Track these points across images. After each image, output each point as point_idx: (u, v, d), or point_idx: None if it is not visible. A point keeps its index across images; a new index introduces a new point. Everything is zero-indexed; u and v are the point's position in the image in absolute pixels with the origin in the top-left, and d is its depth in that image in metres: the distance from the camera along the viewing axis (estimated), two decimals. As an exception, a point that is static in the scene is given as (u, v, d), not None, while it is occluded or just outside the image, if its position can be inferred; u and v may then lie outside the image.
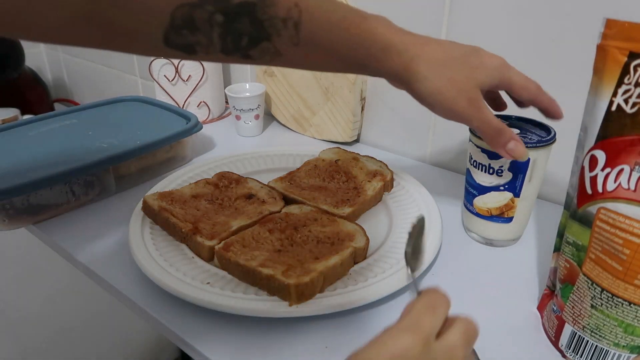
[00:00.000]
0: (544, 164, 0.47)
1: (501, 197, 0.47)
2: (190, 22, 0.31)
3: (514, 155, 0.43)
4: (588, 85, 0.37)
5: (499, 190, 0.47)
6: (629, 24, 0.33)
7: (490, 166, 0.47)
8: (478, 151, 0.47)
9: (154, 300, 0.47)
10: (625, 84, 0.33)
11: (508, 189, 0.47)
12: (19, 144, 0.67)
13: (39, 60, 1.49)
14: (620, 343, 0.37)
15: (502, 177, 0.46)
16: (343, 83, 0.76)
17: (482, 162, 0.47)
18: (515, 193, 0.47)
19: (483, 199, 0.49)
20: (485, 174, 0.47)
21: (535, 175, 0.46)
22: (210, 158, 0.71)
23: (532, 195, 0.48)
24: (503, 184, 0.47)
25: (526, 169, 0.46)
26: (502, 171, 0.46)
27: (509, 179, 0.46)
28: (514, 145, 0.43)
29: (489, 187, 0.48)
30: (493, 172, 0.47)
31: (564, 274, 0.40)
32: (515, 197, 0.48)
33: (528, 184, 0.46)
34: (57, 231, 0.58)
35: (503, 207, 0.48)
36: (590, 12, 0.54)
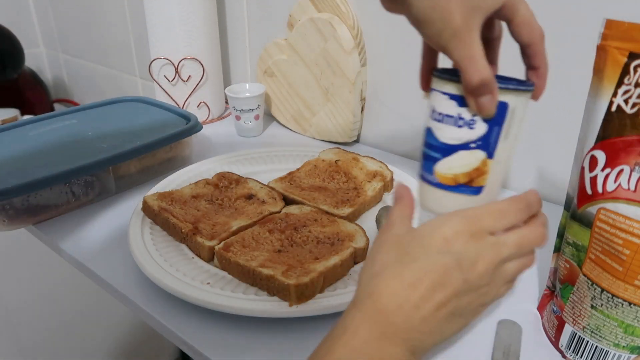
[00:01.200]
0: (522, 116, 0.37)
1: (471, 157, 0.37)
2: None
3: (484, 109, 0.35)
4: (588, 85, 0.37)
5: (469, 149, 0.36)
6: (628, 24, 0.33)
7: (460, 116, 0.36)
8: (445, 98, 0.37)
9: (154, 300, 0.47)
10: (625, 84, 0.33)
11: (480, 146, 0.36)
12: (19, 144, 0.67)
13: (39, 60, 1.49)
14: (620, 343, 0.37)
15: (474, 130, 0.36)
16: (343, 83, 0.76)
17: (449, 112, 0.36)
18: (488, 152, 0.36)
19: (448, 162, 0.37)
20: (453, 128, 0.37)
21: (512, 130, 0.37)
22: (210, 158, 0.71)
23: (506, 158, 0.38)
24: (475, 140, 0.36)
25: (503, 119, 0.36)
26: (474, 122, 0.36)
27: (482, 132, 0.36)
28: (489, 100, 0.35)
29: (457, 146, 0.37)
30: (463, 124, 0.36)
31: (564, 275, 0.40)
32: (488, 159, 0.37)
33: (504, 141, 0.36)
34: (57, 231, 0.58)
35: (473, 172, 0.37)
36: (590, 12, 0.54)
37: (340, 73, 0.76)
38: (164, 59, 0.86)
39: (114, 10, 1.17)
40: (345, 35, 0.73)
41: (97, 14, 1.22)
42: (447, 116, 0.37)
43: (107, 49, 1.26)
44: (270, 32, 0.87)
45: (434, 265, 0.31)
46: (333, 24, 0.73)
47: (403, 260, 0.32)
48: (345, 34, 0.73)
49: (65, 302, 1.17)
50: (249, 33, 0.92)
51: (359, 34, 0.74)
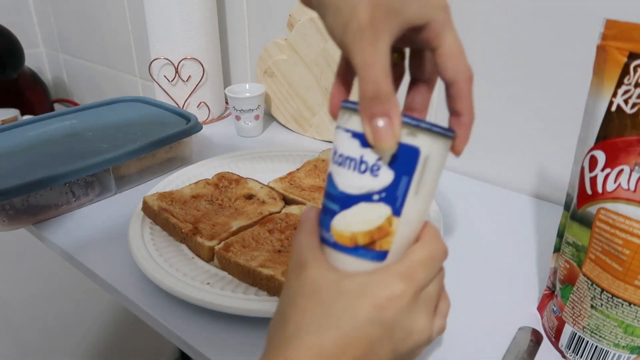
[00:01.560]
0: (437, 167, 0.30)
1: (374, 212, 0.29)
2: None
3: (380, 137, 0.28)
4: (588, 85, 0.37)
5: (371, 201, 0.29)
6: (628, 24, 0.33)
7: (362, 159, 0.29)
8: (347, 137, 0.30)
9: (154, 300, 0.47)
10: (625, 84, 0.33)
11: (385, 199, 0.29)
12: (19, 144, 0.67)
13: (39, 61, 1.49)
14: (620, 343, 0.37)
15: (378, 179, 0.29)
16: (343, 83, 0.76)
17: (350, 153, 0.29)
18: (394, 208, 0.29)
19: (346, 216, 0.30)
20: (354, 174, 0.29)
21: (425, 184, 0.30)
22: (210, 158, 0.71)
23: (417, 218, 0.31)
24: (378, 191, 0.29)
25: (413, 168, 0.29)
26: (379, 168, 0.29)
27: (388, 182, 0.29)
28: (385, 123, 0.28)
29: (357, 196, 0.29)
30: (366, 169, 0.29)
31: (564, 275, 0.40)
32: (394, 216, 0.29)
33: (414, 196, 0.29)
34: (57, 231, 0.58)
35: (375, 232, 0.29)
36: (590, 12, 0.54)
37: (340, 73, 0.76)
38: (164, 59, 0.86)
39: (114, 10, 1.17)
40: (345, 35, 0.73)
41: (97, 14, 1.22)
42: (348, 158, 0.30)
43: (107, 49, 1.26)
44: (270, 32, 0.87)
45: (361, 336, 0.26)
46: (333, 24, 0.73)
47: (322, 325, 0.27)
48: (345, 34, 0.73)
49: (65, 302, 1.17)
50: (249, 33, 0.92)
51: (359, 34, 0.74)
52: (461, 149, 0.33)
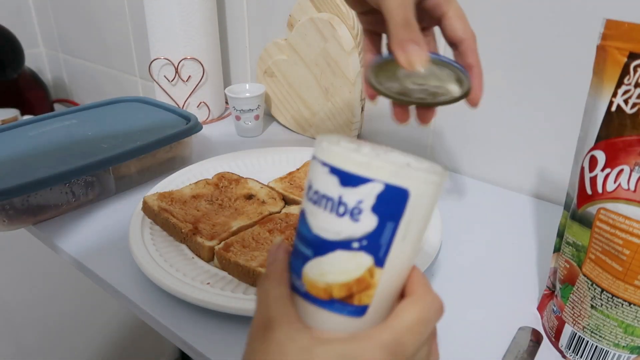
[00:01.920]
0: (431, 204, 0.26)
1: (352, 262, 0.25)
2: None
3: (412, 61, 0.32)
4: (588, 85, 0.37)
5: (350, 250, 0.25)
6: (628, 24, 0.33)
7: (341, 200, 0.25)
8: (324, 171, 0.25)
9: (154, 300, 0.47)
10: (625, 84, 0.33)
11: (366, 248, 0.25)
12: (19, 145, 0.67)
13: (39, 61, 1.49)
14: (620, 343, 0.37)
15: (359, 224, 0.25)
16: (343, 83, 0.76)
17: (327, 192, 0.25)
18: (377, 258, 0.25)
19: (321, 264, 0.26)
20: (331, 215, 0.25)
21: (415, 225, 0.26)
22: (210, 158, 0.71)
23: (404, 265, 0.27)
24: (359, 238, 0.25)
25: (401, 212, 0.25)
26: (360, 212, 0.24)
27: (370, 228, 0.25)
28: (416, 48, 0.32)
29: (334, 242, 0.25)
30: (345, 212, 0.25)
31: (564, 275, 0.40)
32: (376, 267, 0.25)
33: (402, 242, 0.25)
34: (57, 231, 0.58)
35: (353, 285, 0.25)
36: (590, 12, 0.54)
37: (340, 73, 0.76)
38: (164, 59, 0.86)
39: (114, 10, 1.17)
40: (345, 35, 0.73)
41: (97, 14, 1.22)
42: (324, 197, 0.25)
43: (107, 49, 1.26)
44: (270, 32, 0.87)
45: None
46: (333, 24, 0.73)
47: None
48: (345, 34, 0.73)
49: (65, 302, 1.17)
50: (249, 33, 0.92)
51: (359, 34, 0.74)
52: (478, 99, 0.35)
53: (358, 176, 0.24)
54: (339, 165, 0.25)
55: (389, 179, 0.24)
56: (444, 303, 0.27)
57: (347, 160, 0.25)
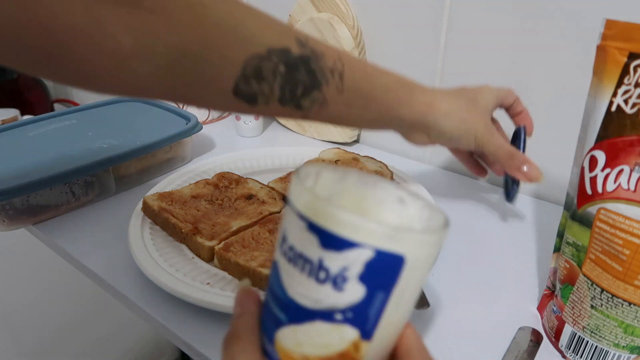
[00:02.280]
0: (430, 264, 0.22)
1: (334, 335, 0.21)
2: (259, 72, 0.33)
3: (532, 176, 0.46)
4: (588, 85, 0.37)
5: (332, 321, 0.21)
6: (628, 24, 0.33)
7: (322, 265, 0.21)
8: (301, 227, 0.21)
9: (154, 301, 0.47)
10: (625, 84, 0.33)
11: (352, 321, 0.21)
12: (18, 145, 0.67)
13: (39, 61, 1.49)
14: (620, 343, 0.37)
15: (343, 294, 0.21)
16: (343, 83, 0.76)
17: (306, 252, 0.21)
18: (364, 331, 0.21)
19: (297, 333, 0.22)
20: (310, 280, 0.21)
21: (410, 290, 0.22)
22: (210, 158, 0.71)
23: (395, 332, 0.24)
24: (342, 309, 0.21)
25: (394, 279, 0.21)
26: (346, 280, 0.20)
27: (357, 298, 0.21)
28: (529, 167, 0.46)
29: (313, 312, 0.21)
30: (326, 279, 0.21)
31: (564, 275, 0.40)
32: (362, 340, 0.22)
33: (394, 310, 0.22)
34: (57, 232, 0.58)
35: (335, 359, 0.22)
36: (590, 12, 0.54)
37: (340, 73, 0.76)
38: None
39: (114, 10, 1.16)
40: (345, 35, 0.73)
41: (97, 14, 1.22)
42: (302, 258, 0.21)
43: (107, 49, 1.26)
44: (270, 32, 0.87)
45: None
46: (333, 24, 0.73)
47: None
48: (345, 34, 0.73)
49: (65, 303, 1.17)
50: (249, 33, 0.92)
51: (359, 34, 0.74)
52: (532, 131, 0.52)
53: (343, 239, 0.20)
54: (319, 222, 0.20)
55: (380, 244, 0.20)
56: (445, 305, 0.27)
57: (329, 218, 0.20)
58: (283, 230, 0.22)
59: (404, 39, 0.71)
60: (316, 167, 0.23)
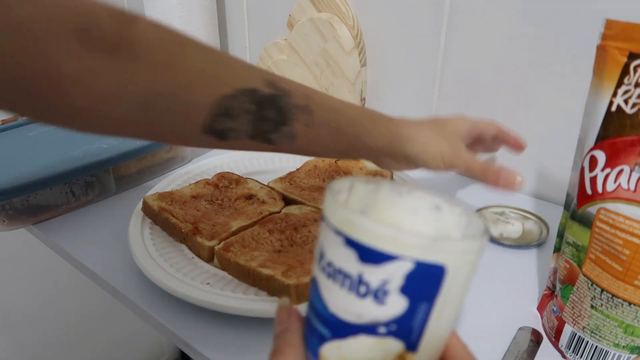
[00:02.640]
0: (468, 276, 0.23)
1: (379, 349, 0.22)
2: (229, 111, 0.35)
3: (510, 186, 0.42)
4: (588, 85, 0.37)
5: (376, 335, 0.21)
6: (628, 24, 0.33)
7: (361, 279, 0.21)
8: (339, 242, 0.21)
9: (153, 301, 0.47)
10: (625, 84, 0.33)
11: (396, 333, 0.21)
12: (18, 145, 0.67)
13: (39, 61, 1.49)
14: (620, 343, 0.37)
15: (385, 308, 0.21)
16: (343, 83, 0.76)
17: (345, 267, 0.21)
18: (409, 343, 0.22)
19: (341, 348, 0.22)
20: (351, 295, 0.21)
21: (452, 302, 0.22)
22: (210, 158, 0.71)
23: (441, 341, 0.24)
24: (385, 322, 0.21)
25: (436, 291, 0.21)
26: (387, 293, 0.21)
27: (400, 312, 0.21)
28: (505, 176, 0.42)
29: (356, 326, 0.21)
30: (367, 293, 0.21)
31: (564, 275, 0.40)
32: (408, 352, 0.22)
33: (438, 320, 0.22)
34: (57, 231, 0.58)
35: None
36: (590, 12, 0.54)
37: (340, 73, 0.76)
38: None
39: (114, 10, 1.16)
40: (345, 35, 0.73)
41: (97, 14, 1.22)
42: (341, 273, 0.21)
43: (107, 49, 1.26)
44: (270, 32, 0.87)
45: None
46: (333, 24, 0.73)
47: None
48: (345, 34, 0.73)
49: (65, 303, 1.17)
50: (249, 33, 0.92)
51: (359, 34, 0.74)
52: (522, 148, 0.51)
53: (381, 252, 0.20)
54: (355, 237, 0.20)
55: (419, 255, 0.20)
56: None
57: (365, 232, 0.20)
58: (320, 247, 0.22)
59: (404, 39, 0.71)
60: (349, 181, 0.24)
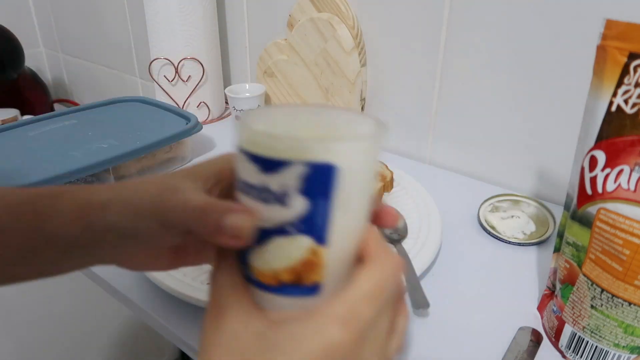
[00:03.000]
0: (369, 169, 0.25)
1: (292, 247, 0.24)
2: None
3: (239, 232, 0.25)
4: (588, 85, 0.37)
5: (287, 235, 0.24)
6: (628, 24, 0.33)
7: (265, 187, 0.23)
8: (243, 160, 0.24)
9: (154, 300, 0.47)
10: (625, 84, 0.33)
11: (303, 230, 0.24)
12: (18, 145, 0.67)
13: (39, 61, 1.49)
14: (620, 343, 0.37)
15: (290, 209, 0.23)
16: (343, 83, 0.76)
17: (251, 180, 0.24)
18: (317, 237, 0.24)
19: (263, 253, 0.25)
20: (261, 205, 0.24)
21: (355, 195, 0.24)
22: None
23: (352, 235, 0.26)
24: (292, 222, 0.24)
25: (331, 187, 0.23)
26: (288, 196, 0.23)
27: (302, 210, 0.23)
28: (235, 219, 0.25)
29: (269, 230, 0.24)
30: (272, 200, 0.24)
31: (564, 275, 0.40)
32: (318, 245, 0.24)
33: (344, 215, 0.24)
34: (57, 231, 0.58)
35: (299, 267, 0.24)
36: (590, 12, 0.54)
37: (340, 73, 0.76)
38: (164, 59, 0.86)
39: (114, 10, 1.17)
40: (345, 35, 0.73)
41: (97, 14, 1.22)
42: (248, 186, 0.24)
43: (107, 49, 1.26)
44: (270, 32, 0.87)
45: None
46: (333, 24, 0.73)
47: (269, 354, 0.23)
48: (345, 34, 0.73)
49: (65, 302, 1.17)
50: (249, 33, 0.92)
51: (359, 34, 0.74)
52: None
53: (276, 160, 0.23)
54: (254, 150, 0.23)
55: (310, 157, 0.22)
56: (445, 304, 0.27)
57: (261, 145, 0.23)
58: (235, 171, 0.25)
59: (404, 39, 0.71)
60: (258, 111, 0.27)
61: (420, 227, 0.54)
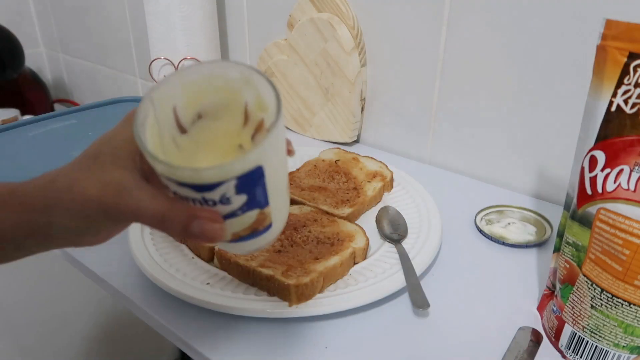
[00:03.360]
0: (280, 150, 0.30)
1: (245, 219, 0.30)
2: None
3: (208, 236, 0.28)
4: (588, 85, 0.37)
5: (237, 216, 0.29)
6: (628, 24, 0.33)
7: (205, 199, 0.28)
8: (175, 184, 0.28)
9: (154, 301, 0.47)
10: (625, 84, 0.33)
11: (249, 208, 0.29)
12: (19, 145, 0.67)
13: (39, 61, 1.49)
14: (620, 343, 0.37)
15: (233, 204, 0.28)
16: (343, 83, 0.76)
17: (189, 195, 0.28)
18: (261, 205, 0.29)
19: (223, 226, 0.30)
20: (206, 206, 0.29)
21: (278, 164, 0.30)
22: (210, 158, 0.71)
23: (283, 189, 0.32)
24: (239, 208, 0.29)
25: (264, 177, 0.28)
26: (229, 199, 0.28)
27: (243, 201, 0.28)
28: (204, 226, 0.28)
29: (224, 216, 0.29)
30: (215, 203, 0.28)
31: (564, 275, 0.40)
32: (264, 209, 0.30)
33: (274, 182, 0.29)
34: (57, 231, 0.58)
35: (254, 224, 0.30)
36: (590, 12, 0.54)
37: (340, 73, 0.76)
38: (164, 59, 0.86)
39: (114, 10, 1.17)
40: (345, 35, 0.73)
41: (97, 14, 1.22)
42: (188, 199, 0.28)
43: (107, 49, 1.26)
44: (270, 32, 0.87)
45: None
46: (333, 24, 0.73)
47: None
48: (345, 34, 0.73)
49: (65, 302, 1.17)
50: (249, 33, 0.92)
51: (359, 34, 0.74)
52: None
53: (210, 185, 0.27)
54: (184, 180, 0.27)
55: (239, 172, 0.26)
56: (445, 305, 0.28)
57: (189, 178, 0.27)
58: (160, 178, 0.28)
59: (404, 39, 0.71)
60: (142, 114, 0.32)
61: (420, 227, 0.54)
